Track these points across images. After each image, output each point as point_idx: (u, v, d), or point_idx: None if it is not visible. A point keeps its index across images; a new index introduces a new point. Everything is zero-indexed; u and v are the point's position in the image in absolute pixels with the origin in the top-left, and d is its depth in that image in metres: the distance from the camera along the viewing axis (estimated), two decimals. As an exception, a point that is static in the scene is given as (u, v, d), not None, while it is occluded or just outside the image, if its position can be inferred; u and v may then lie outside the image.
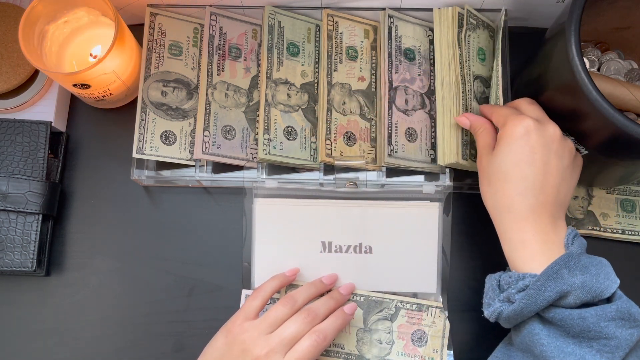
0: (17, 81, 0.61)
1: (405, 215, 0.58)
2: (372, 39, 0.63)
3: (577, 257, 0.45)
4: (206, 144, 0.58)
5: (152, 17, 0.62)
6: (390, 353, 0.57)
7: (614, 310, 0.43)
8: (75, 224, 0.63)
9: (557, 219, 0.48)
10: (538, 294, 0.44)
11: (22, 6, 0.63)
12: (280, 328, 0.50)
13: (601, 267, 0.45)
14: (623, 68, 0.62)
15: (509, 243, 0.48)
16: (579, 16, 0.46)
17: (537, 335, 0.45)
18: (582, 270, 0.44)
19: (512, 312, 0.46)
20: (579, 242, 0.47)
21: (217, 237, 0.62)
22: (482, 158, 0.52)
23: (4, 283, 0.61)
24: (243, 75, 0.62)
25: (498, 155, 0.49)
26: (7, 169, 0.59)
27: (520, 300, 0.45)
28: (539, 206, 0.47)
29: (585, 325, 0.43)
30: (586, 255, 0.46)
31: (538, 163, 0.47)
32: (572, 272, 0.44)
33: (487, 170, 0.50)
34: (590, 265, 0.45)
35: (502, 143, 0.49)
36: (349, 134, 0.60)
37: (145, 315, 0.60)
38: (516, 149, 0.48)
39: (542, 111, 0.51)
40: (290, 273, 0.56)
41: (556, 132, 0.48)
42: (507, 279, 0.47)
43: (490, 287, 0.49)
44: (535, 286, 0.44)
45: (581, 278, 0.44)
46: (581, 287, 0.44)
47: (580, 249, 0.47)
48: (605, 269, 0.45)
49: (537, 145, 0.47)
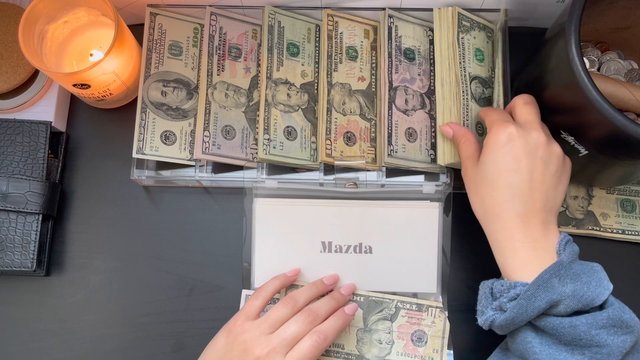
0: (17, 81, 0.61)
1: (405, 215, 0.58)
2: (372, 39, 0.63)
3: (568, 265, 0.45)
4: (206, 144, 0.58)
5: (152, 17, 0.62)
6: (390, 353, 0.57)
7: (606, 317, 0.43)
8: (75, 224, 0.63)
9: (548, 224, 0.48)
10: (528, 304, 0.44)
11: (22, 6, 0.63)
12: (281, 328, 0.50)
13: (593, 274, 0.45)
14: (623, 68, 0.62)
15: (499, 251, 0.48)
16: (579, 16, 0.46)
17: (530, 344, 0.45)
18: (572, 278, 0.44)
19: (503, 321, 0.45)
20: (571, 249, 0.47)
21: (217, 237, 0.62)
22: (467, 169, 0.52)
23: (4, 283, 0.61)
24: (243, 75, 0.62)
25: (483, 164, 0.49)
26: (7, 169, 0.59)
27: (512, 309, 0.45)
28: (527, 213, 0.47)
29: (576, 334, 0.43)
30: (578, 262, 0.46)
31: (523, 170, 0.47)
32: (562, 281, 0.44)
33: (473, 179, 0.51)
34: (582, 273, 0.45)
35: (487, 151, 0.49)
36: (349, 134, 0.60)
37: (145, 315, 0.60)
38: (500, 157, 0.48)
39: (534, 113, 0.50)
40: (291, 273, 0.57)
41: (540, 137, 0.48)
42: (499, 287, 0.47)
43: (483, 295, 0.49)
44: (526, 296, 0.44)
45: (572, 287, 0.44)
46: (572, 296, 0.43)
47: (572, 256, 0.46)
48: (598, 276, 0.45)
49: (521, 153, 0.47)
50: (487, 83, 0.60)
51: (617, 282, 0.46)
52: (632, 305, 0.47)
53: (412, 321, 0.58)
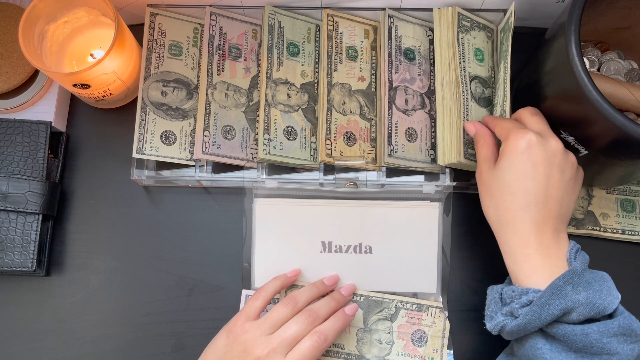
0: (17, 81, 0.61)
1: (405, 215, 0.58)
2: (372, 39, 0.63)
3: (581, 274, 0.45)
4: (206, 144, 0.58)
5: (152, 17, 0.62)
6: (390, 353, 0.57)
7: (616, 326, 0.43)
8: (75, 224, 0.63)
9: (560, 232, 0.48)
10: (542, 311, 0.44)
11: (22, 6, 0.63)
12: (281, 329, 0.50)
13: (603, 282, 0.45)
14: (623, 68, 0.62)
15: (511, 256, 0.48)
16: (579, 16, 0.46)
17: (540, 350, 0.45)
18: (585, 286, 0.44)
19: (515, 327, 0.45)
20: (582, 257, 0.47)
21: (217, 237, 0.62)
22: (482, 172, 0.51)
23: (4, 283, 0.61)
24: (243, 75, 0.62)
25: (500, 170, 0.49)
26: (7, 169, 0.59)
27: (524, 315, 0.45)
28: (541, 220, 0.47)
29: (588, 341, 0.43)
30: (589, 271, 0.46)
31: (541, 177, 0.47)
32: (575, 289, 0.44)
33: (488, 183, 0.50)
34: (593, 282, 0.45)
35: (505, 157, 0.49)
36: (349, 134, 0.60)
37: (145, 315, 0.60)
38: (519, 163, 0.48)
39: (545, 123, 0.50)
40: (291, 274, 0.57)
41: (558, 146, 0.48)
42: (510, 292, 0.47)
43: (492, 300, 0.49)
44: (539, 302, 0.44)
45: (584, 295, 0.44)
46: (585, 304, 0.44)
47: (583, 265, 0.47)
48: (608, 285, 0.45)
49: (540, 160, 0.47)
50: (487, 83, 0.60)
51: (617, 282, 0.46)
52: (632, 305, 0.47)
53: (412, 321, 0.58)
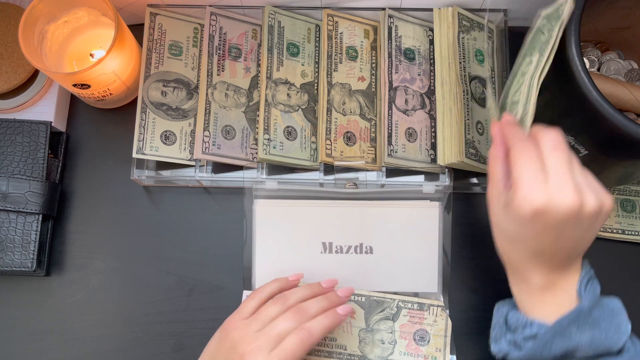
0: (17, 81, 0.61)
1: (405, 215, 0.58)
2: (372, 39, 0.63)
3: (588, 313, 0.43)
4: (206, 144, 0.58)
5: (152, 17, 0.62)
6: (392, 353, 0.57)
7: None
8: (75, 224, 0.62)
9: (573, 262, 0.45)
10: (544, 349, 0.43)
11: (22, 6, 0.63)
12: (268, 325, 0.49)
13: (612, 318, 0.44)
14: (623, 68, 0.62)
15: (516, 285, 0.47)
16: (579, 16, 0.46)
17: None
18: (592, 325, 0.43)
19: (517, 359, 0.45)
20: (593, 291, 0.45)
21: (217, 237, 0.62)
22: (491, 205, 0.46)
23: (4, 283, 0.61)
24: (243, 75, 0.62)
25: (504, 220, 0.44)
26: (7, 169, 0.59)
27: (526, 350, 0.44)
28: (550, 263, 0.45)
29: None
30: (598, 307, 0.44)
31: (547, 239, 0.42)
32: (581, 329, 0.43)
33: (495, 222, 0.46)
34: (601, 320, 0.43)
35: (511, 212, 0.42)
36: (349, 134, 0.60)
37: (145, 315, 0.60)
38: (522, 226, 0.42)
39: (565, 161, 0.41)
40: (293, 278, 0.55)
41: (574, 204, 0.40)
42: (515, 320, 0.46)
43: (497, 323, 0.48)
44: (542, 340, 0.43)
45: (590, 335, 0.43)
46: (589, 345, 0.43)
47: (592, 301, 0.44)
48: (617, 320, 0.44)
49: (547, 226, 0.41)
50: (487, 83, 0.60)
51: (617, 282, 0.46)
52: (632, 306, 0.47)
53: (414, 320, 0.58)
